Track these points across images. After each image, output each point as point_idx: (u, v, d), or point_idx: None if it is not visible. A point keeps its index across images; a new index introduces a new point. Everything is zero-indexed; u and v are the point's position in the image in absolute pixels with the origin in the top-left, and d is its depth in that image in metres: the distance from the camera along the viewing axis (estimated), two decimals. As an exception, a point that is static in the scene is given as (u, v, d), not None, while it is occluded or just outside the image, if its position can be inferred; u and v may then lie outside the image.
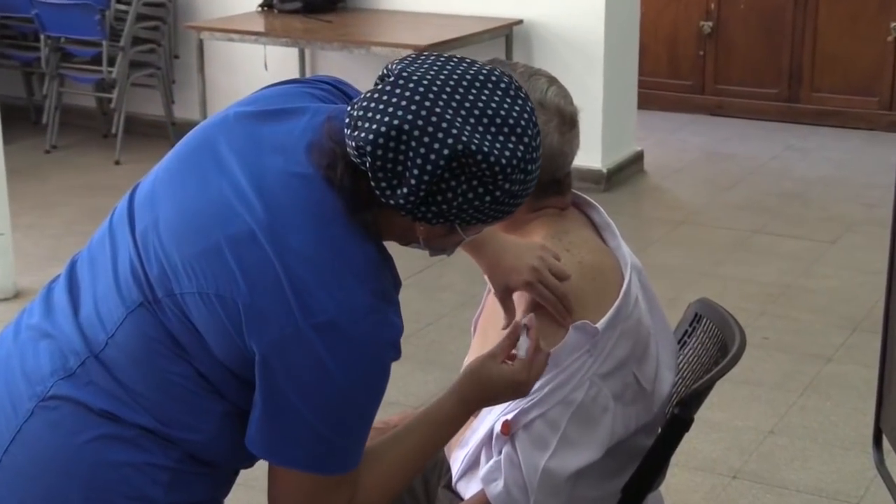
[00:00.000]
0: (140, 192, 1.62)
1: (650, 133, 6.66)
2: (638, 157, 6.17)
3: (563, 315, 1.84)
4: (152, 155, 6.23)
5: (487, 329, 1.99)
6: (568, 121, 1.91)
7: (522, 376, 1.66)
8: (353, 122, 1.48)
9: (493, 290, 1.96)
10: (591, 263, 1.91)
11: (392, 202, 1.47)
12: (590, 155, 5.70)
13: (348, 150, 1.49)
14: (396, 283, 1.56)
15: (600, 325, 1.85)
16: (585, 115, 2.00)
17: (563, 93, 1.92)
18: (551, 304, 1.84)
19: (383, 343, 1.50)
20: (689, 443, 3.44)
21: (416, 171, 1.44)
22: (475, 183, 1.45)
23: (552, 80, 1.92)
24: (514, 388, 1.67)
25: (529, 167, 1.49)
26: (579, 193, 2.04)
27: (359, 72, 6.00)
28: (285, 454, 1.50)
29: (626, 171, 6.04)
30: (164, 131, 6.61)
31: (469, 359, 1.97)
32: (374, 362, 1.50)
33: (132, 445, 1.53)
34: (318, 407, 1.48)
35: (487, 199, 1.47)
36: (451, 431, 1.68)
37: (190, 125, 1.78)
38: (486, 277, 1.95)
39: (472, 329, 2.11)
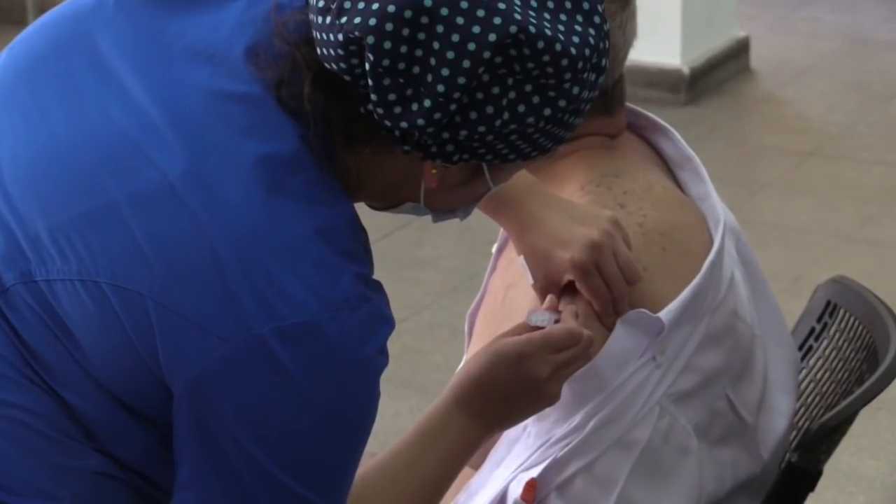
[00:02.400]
0: None
1: (761, 10, 6.68)
2: (741, 49, 6.21)
3: (611, 316, 1.88)
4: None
5: (492, 325, 1.98)
6: (620, -10, 1.94)
7: (542, 369, 1.72)
8: (332, 5, 1.50)
9: (503, 269, 1.99)
10: (657, 226, 1.94)
11: (403, 126, 1.49)
12: (661, 46, 5.71)
13: (319, 52, 1.51)
14: (371, 262, 1.59)
15: (665, 314, 1.88)
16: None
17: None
18: (602, 302, 1.87)
19: (374, 349, 1.55)
20: (821, 510, 3.48)
21: (444, 72, 1.47)
22: (529, 88, 1.49)
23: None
24: (527, 378, 1.73)
25: (602, 62, 1.54)
26: (639, 110, 2.06)
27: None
28: None
29: (722, 72, 6.07)
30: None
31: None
32: (364, 377, 1.55)
33: None
34: (283, 452, 1.51)
35: (546, 112, 1.51)
36: (458, 456, 1.75)
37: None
38: (497, 248, 2.00)
39: (468, 327, 2.13)
